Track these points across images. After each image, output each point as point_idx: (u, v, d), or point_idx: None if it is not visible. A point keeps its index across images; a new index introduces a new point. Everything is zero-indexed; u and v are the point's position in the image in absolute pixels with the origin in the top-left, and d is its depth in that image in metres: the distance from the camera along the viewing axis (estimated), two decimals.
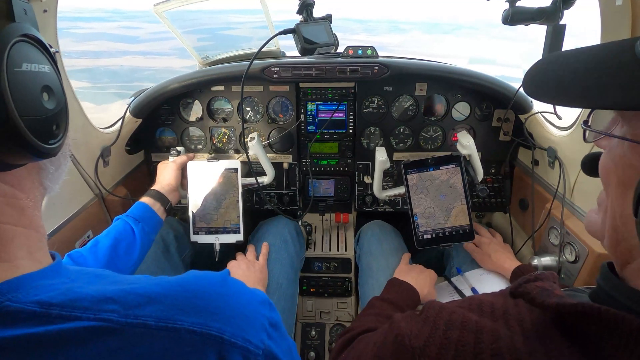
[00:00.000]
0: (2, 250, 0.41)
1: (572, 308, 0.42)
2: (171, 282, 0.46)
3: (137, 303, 0.41)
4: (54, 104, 0.45)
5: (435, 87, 1.44)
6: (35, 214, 0.46)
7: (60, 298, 0.40)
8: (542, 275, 0.54)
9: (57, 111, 0.45)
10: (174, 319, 0.41)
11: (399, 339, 0.56)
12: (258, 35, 1.64)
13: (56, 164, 0.49)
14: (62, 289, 0.41)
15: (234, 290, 0.49)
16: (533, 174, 1.36)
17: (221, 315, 0.44)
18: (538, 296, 0.47)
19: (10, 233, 0.42)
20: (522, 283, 0.52)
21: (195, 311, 0.43)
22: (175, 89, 1.38)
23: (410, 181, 1.25)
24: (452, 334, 0.51)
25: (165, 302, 0.43)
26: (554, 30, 1.12)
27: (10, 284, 0.39)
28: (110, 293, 0.42)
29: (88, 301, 0.40)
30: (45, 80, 0.44)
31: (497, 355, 0.46)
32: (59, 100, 0.46)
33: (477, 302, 0.57)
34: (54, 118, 0.45)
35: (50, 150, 0.44)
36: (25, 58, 0.41)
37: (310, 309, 1.51)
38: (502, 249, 1.28)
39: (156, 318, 0.41)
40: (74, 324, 0.38)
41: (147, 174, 1.58)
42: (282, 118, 1.52)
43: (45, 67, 0.44)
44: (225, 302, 0.46)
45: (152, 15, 1.38)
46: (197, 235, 1.32)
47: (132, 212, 1.10)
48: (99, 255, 0.96)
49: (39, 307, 0.38)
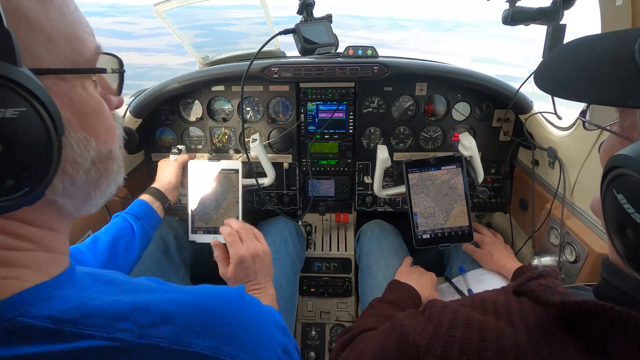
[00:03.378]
0: (13, 264, 0.40)
1: (576, 306, 0.43)
2: (186, 300, 0.44)
3: (151, 322, 0.41)
4: (9, 156, 0.34)
5: (435, 87, 1.44)
6: (55, 236, 0.44)
7: (73, 313, 0.39)
8: (544, 272, 0.54)
9: (16, 161, 0.35)
10: (187, 342, 0.41)
11: (402, 336, 0.56)
12: (256, 32, 1.63)
13: (75, 196, 0.44)
14: (76, 302, 0.40)
15: (250, 313, 0.48)
16: (533, 174, 1.36)
17: (235, 340, 0.44)
18: (542, 294, 0.47)
19: (25, 256, 0.41)
20: (525, 281, 0.52)
21: (209, 334, 0.42)
22: (175, 89, 1.38)
23: (411, 180, 1.25)
24: (457, 332, 0.51)
25: (179, 322, 0.42)
26: (554, 31, 1.12)
27: (25, 297, 0.38)
28: (124, 309, 0.41)
29: (101, 318, 0.39)
30: (1, 127, 0.33)
31: (502, 353, 0.46)
32: (24, 152, 0.35)
33: (479, 300, 0.57)
34: (3, 170, 0.34)
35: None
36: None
37: (310, 309, 1.52)
38: (504, 249, 1.28)
39: (169, 340, 0.40)
40: (87, 342, 0.37)
41: (147, 174, 1.58)
42: (282, 118, 1.52)
43: (5, 111, 0.33)
44: (241, 326, 0.46)
45: (149, 10, 1.37)
46: (195, 235, 1.32)
47: (132, 209, 1.09)
48: (98, 252, 0.95)
49: (52, 323, 0.37)
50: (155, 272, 1.23)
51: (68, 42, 0.41)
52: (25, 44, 0.37)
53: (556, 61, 0.55)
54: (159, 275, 1.23)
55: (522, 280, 0.52)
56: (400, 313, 0.63)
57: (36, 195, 0.37)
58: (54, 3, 0.40)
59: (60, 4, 0.41)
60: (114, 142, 0.48)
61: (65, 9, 0.41)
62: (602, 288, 0.49)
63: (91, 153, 0.43)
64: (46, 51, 0.39)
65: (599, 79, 0.45)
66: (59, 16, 0.40)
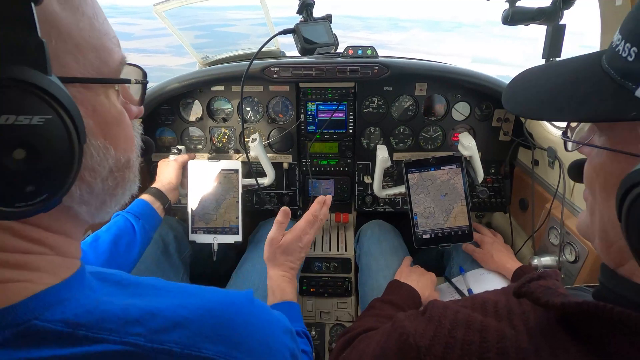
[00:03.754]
0: (31, 262, 0.40)
1: (577, 307, 0.43)
2: (197, 306, 0.45)
3: (163, 327, 0.41)
4: (33, 162, 0.34)
5: (435, 87, 1.44)
6: (69, 242, 0.44)
7: (86, 317, 0.39)
8: (545, 273, 0.54)
9: (37, 170, 0.34)
10: (199, 347, 0.41)
11: (403, 337, 0.56)
12: (256, 33, 1.63)
13: (91, 204, 0.43)
14: (89, 305, 0.40)
15: (259, 319, 0.49)
16: (533, 174, 1.36)
17: (245, 346, 0.44)
18: (542, 296, 0.47)
19: (39, 260, 0.41)
20: (525, 282, 0.52)
21: (220, 340, 0.43)
22: (175, 89, 1.38)
23: (410, 180, 1.25)
24: (458, 333, 0.51)
25: (191, 327, 0.42)
26: (554, 30, 1.12)
27: (38, 300, 0.38)
28: (136, 314, 0.41)
29: (114, 322, 0.39)
30: (27, 134, 0.33)
31: (503, 354, 0.46)
32: (50, 156, 0.35)
33: (480, 302, 0.57)
34: (24, 177, 0.34)
35: (11, 215, 0.34)
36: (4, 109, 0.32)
37: (310, 309, 1.51)
38: (504, 249, 1.28)
39: (181, 345, 0.40)
40: (100, 346, 0.37)
41: (147, 174, 1.58)
42: (282, 118, 1.52)
43: (26, 118, 0.33)
44: (250, 332, 0.46)
45: (149, 11, 1.37)
46: (195, 235, 1.32)
47: (133, 208, 1.09)
48: (99, 251, 0.95)
49: (65, 327, 0.37)
50: (155, 272, 1.23)
51: (96, 52, 0.41)
52: (56, 53, 0.37)
53: (523, 86, 0.55)
54: (159, 275, 1.23)
55: (523, 281, 0.52)
56: (401, 314, 0.63)
57: (54, 201, 0.37)
58: (86, 14, 0.40)
59: (91, 14, 0.41)
60: (132, 151, 0.49)
61: (95, 20, 0.42)
62: (601, 292, 0.49)
63: (110, 161, 0.43)
64: (75, 60, 0.39)
65: (583, 98, 0.45)
66: (89, 27, 0.41)
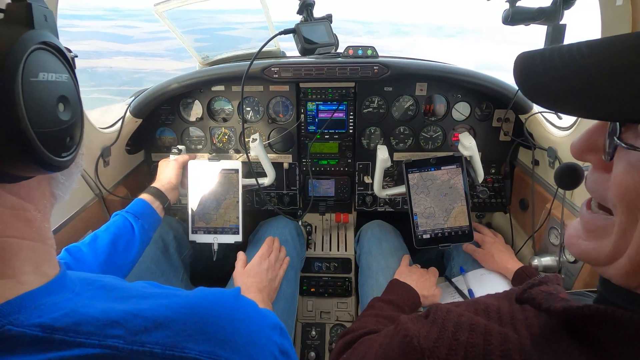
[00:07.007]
0: (6, 266, 0.38)
1: (579, 311, 0.42)
2: (180, 305, 0.43)
3: (144, 328, 0.39)
4: (70, 115, 0.42)
5: (436, 87, 1.44)
6: (43, 226, 0.44)
7: (64, 320, 0.38)
8: (546, 278, 0.54)
9: (72, 122, 0.43)
10: (181, 347, 0.39)
11: (407, 339, 0.56)
12: (258, 36, 1.64)
13: (67, 174, 0.47)
14: (67, 308, 0.39)
15: (245, 314, 0.47)
16: (533, 174, 1.36)
17: (231, 344, 0.43)
18: (544, 301, 0.47)
19: (16, 247, 0.40)
20: (527, 288, 0.51)
21: (203, 338, 0.41)
22: (176, 89, 1.38)
23: (411, 180, 1.25)
24: (461, 335, 0.51)
25: (173, 327, 0.41)
26: (554, 31, 1.12)
27: (13, 305, 0.37)
28: (116, 315, 0.40)
29: (93, 325, 0.38)
30: (62, 90, 0.41)
31: (506, 357, 0.46)
32: (74, 111, 0.43)
33: (483, 307, 0.57)
34: (68, 130, 0.42)
35: (62, 164, 0.42)
36: (42, 67, 0.39)
37: (311, 309, 1.51)
38: (504, 249, 1.27)
39: (163, 345, 0.39)
40: (77, 350, 0.36)
41: (147, 174, 1.58)
42: (282, 118, 1.52)
43: (63, 76, 0.42)
44: (236, 329, 0.45)
45: (151, 14, 1.37)
46: (195, 235, 1.32)
47: (132, 208, 1.09)
48: (98, 250, 0.94)
49: (41, 331, 0.36)
50: (155, 272, 1.22)
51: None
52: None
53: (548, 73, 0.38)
54: (159, 276, 1.23)
55: (524, 287, 0.52)
56: (403, 317, 0.63)
57: (75, 155, 0.45)
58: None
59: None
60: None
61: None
62: (602, 302, 0.49)
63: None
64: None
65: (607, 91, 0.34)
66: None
